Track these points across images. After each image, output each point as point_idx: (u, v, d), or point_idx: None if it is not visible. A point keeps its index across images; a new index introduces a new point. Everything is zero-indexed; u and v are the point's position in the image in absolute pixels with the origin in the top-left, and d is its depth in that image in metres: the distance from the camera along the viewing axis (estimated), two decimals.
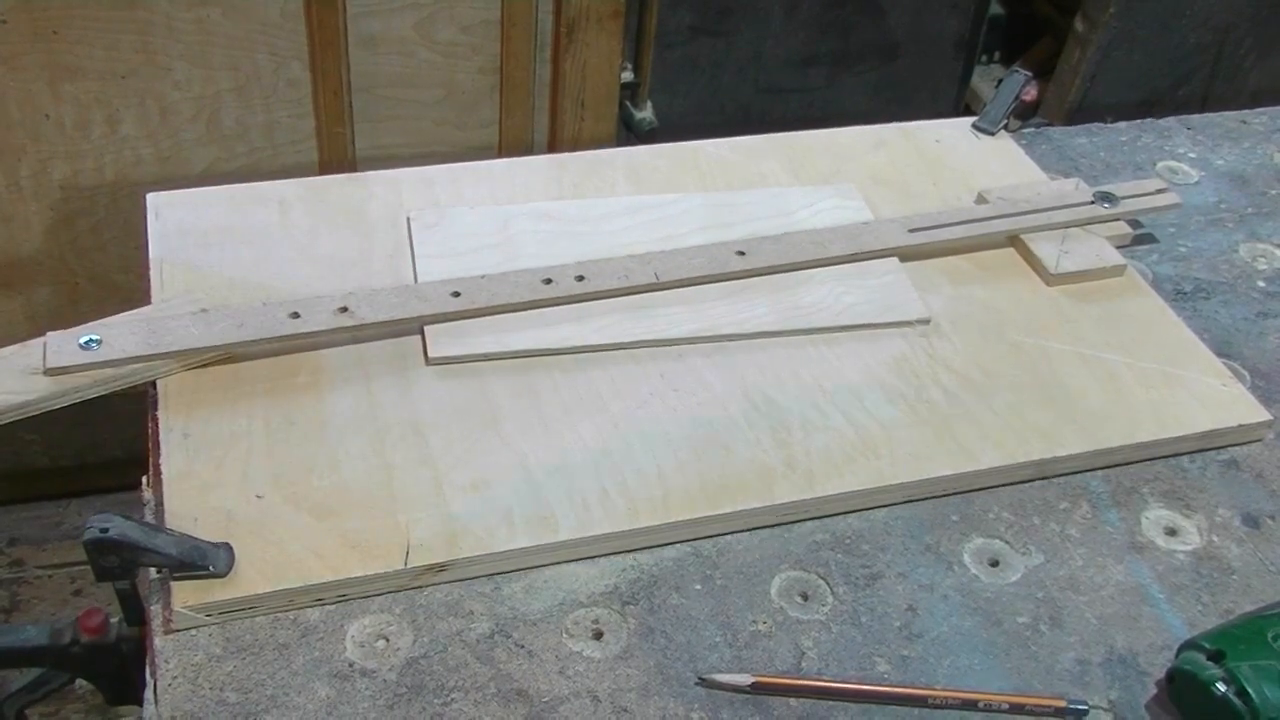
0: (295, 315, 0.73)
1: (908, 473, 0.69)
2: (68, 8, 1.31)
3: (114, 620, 0.71)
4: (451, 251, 0.80)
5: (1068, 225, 0.87)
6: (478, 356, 0.73)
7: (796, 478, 0.68)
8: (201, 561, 0.59)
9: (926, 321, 0.79)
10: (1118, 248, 0.87)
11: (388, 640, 0.61)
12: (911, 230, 0.85)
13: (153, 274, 0.78)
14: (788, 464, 0.69)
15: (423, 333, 0.74)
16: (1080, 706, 0.60)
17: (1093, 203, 0.88)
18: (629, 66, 1.71)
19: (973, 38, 1.79)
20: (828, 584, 0.65)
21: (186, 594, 0.59)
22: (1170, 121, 1.07)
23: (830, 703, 0.60)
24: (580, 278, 0.78)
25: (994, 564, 0.67)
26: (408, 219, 0.83)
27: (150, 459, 0.67)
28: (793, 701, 0.60)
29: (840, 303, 0.80)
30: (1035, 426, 0.72)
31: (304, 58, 1.32)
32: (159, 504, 0.64)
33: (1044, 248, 0.85)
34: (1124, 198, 0.89)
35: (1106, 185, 0.90)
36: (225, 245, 0.80)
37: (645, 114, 1.77)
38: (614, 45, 1.51)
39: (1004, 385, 0.75)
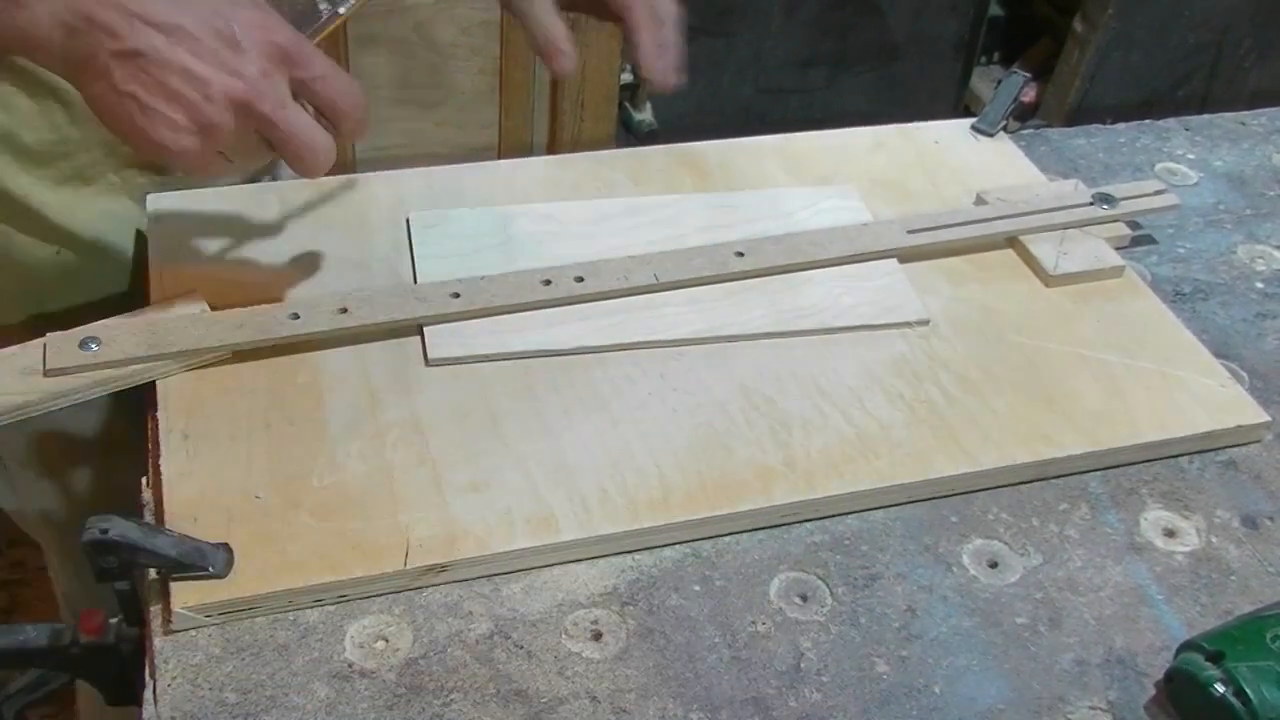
0: (295, 316, 0.73)
1: (907, 473, 0.69)
2: None
3: (113, 621, 0.71)
4: (451, 252, 0.81)
5: (1066, 226, 0.87)
6: (477, 357, 0.73)
7: (796, 478, 0.68)
8: (201, 562, 0.60)
9: (925, 323, 0.79)
10: (1116, 249, 0.87)
11: (387, 641, 0.61)
12: (910, 231, 0.85)
13: (152, 275, 0.78)
14: (787, 464, 0.69)
15: (422, 334, 0.74)
16: None
17: (1091, 204, 0.88)
18: (628, 68, 1.71)
19: (972, 39, 1.80)
20: (826, 585, 0.65)
21: (186, 594, 0.59)
22: (1169, 123, 1.07)
23: (830, 703, 0.60)
24: (579, 279, 0.78)
25: (993, 565, 0.67)
26: (407, 220, 0.83)
27: (150, 460, 0.67)
28: (792, 702, 0.60)
29: (839, 304, 0.80)
30: (1034, 427, 0.72)
31: None
32: (158, 505, 0.64)
33: (1043, 249, 0.85)
34: (1123, 199, 0.89)
35: (1105, 186, 0.90)
36: (225, 246, 0.80)
37: (644, 115, 1.77)
38: (613, 46, 1.52)
39: (1003, 386, 0.75)
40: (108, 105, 0.62)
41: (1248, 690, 0.56)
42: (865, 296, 0.80)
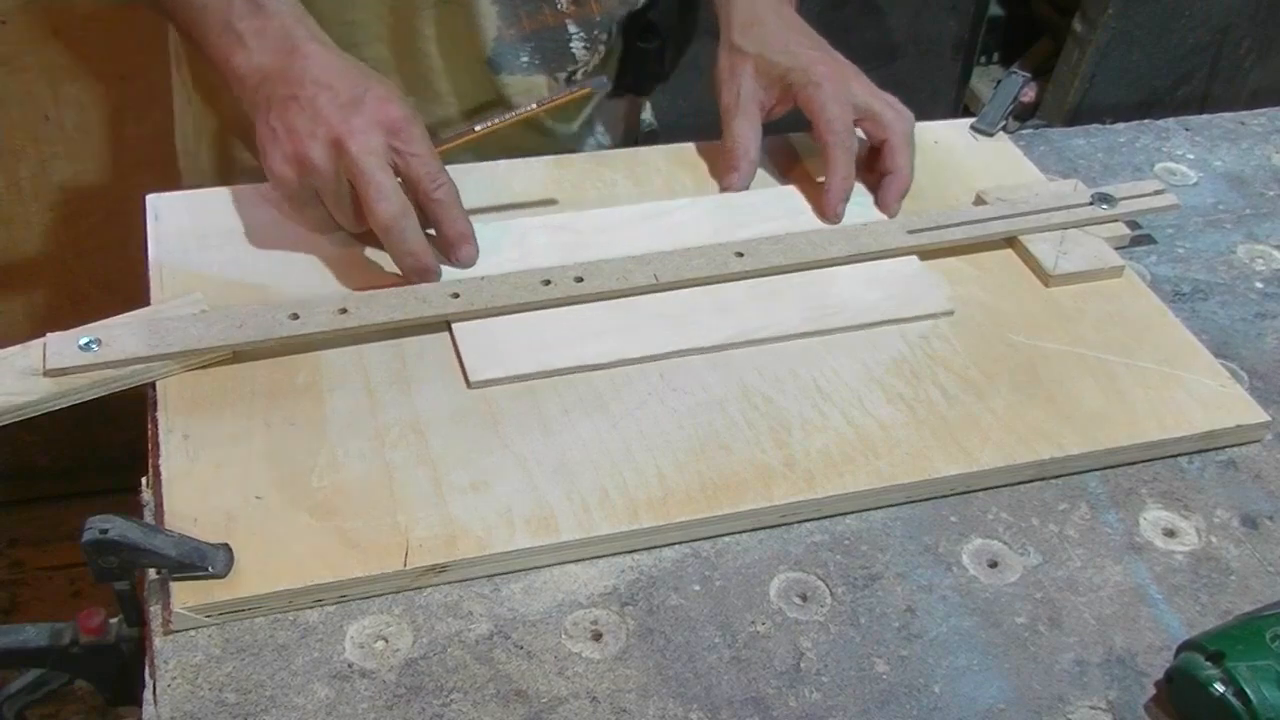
0: (295, 316, 0.73)
1: (907, 473, 0.69)
2: (68, 8, 1.31)
3: (113, 621, 0.71)
4: (473, 273, 0.79)
5: (1066, 226, 0.87)
6: (518, 377, 0.72)
7: (796, 478, 0.68)
8: (200, 562, 0.60)
9: (950, 313, 0.79)
10: (1116, 249, 0.87)
11: (387, 641, 0.61)
12: (910, 231, 0.85)
13: (152, 275, 0.78)
14: (787, 464, 0.69)
15: (458, 354, 0.73)
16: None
17: (1091, 204, 0.88)
18: None
19: (972, 39, 1.79)
20: (826, 585, 0.65)
21: (186, 595, 0.59)
22: (1169, 123, 1.07)
23: (830, 703, 0.60)
24: (579, 279, 0.78)
25: (993, 565, 0.67)
26: None
27: (150, 460, 0.67)
28: (792, 702, 0.60)
29: (864, 300, 0.80)
30: (1034, 427, 0.72)
31: None
32: (158, 505, 0.64)
33: (1042, 249, 0.85)
34: (1122, 199, 0.89)
35: (1105, 186, 0.91)
36: (225, 246, 0.80)
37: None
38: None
39: (1003, 386, 0.75)
40: (261, 134, 0.76)
41: (1247, 690, 0.56)
42: (889, 291, 0.80)
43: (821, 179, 0.88)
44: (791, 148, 0.95)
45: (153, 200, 0.83)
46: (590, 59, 0.95)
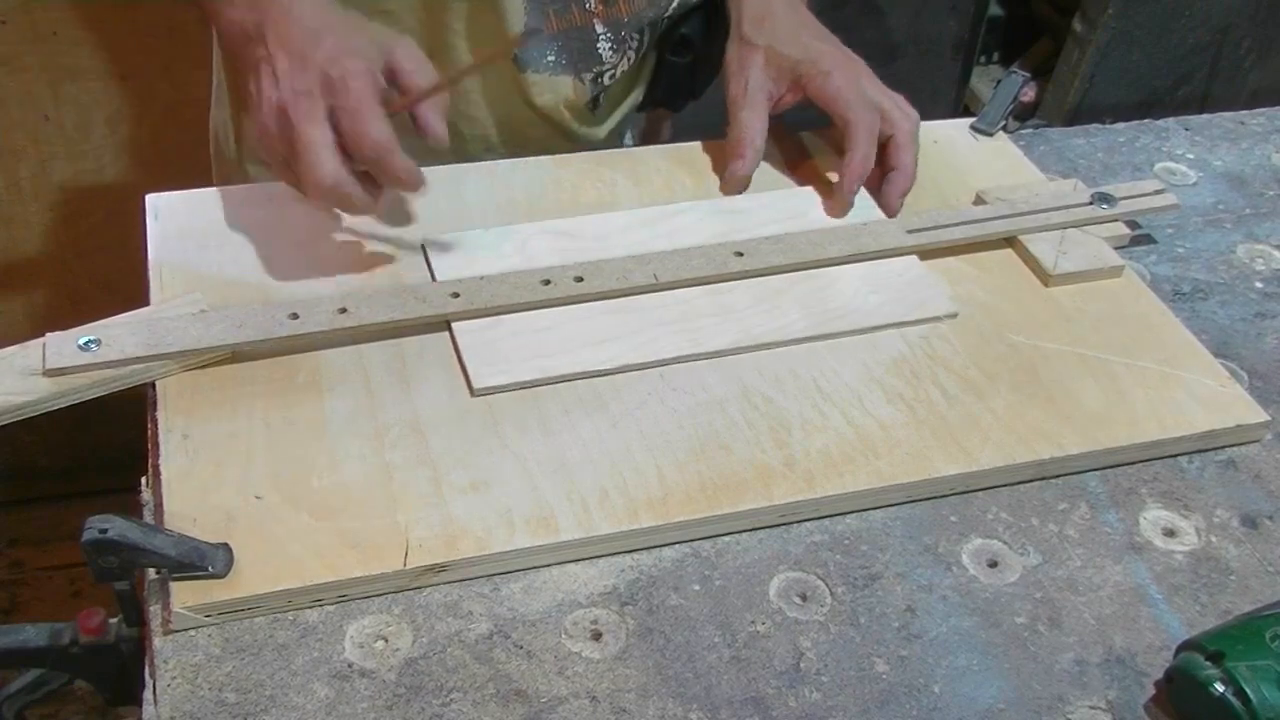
0: (295, 316, 0.73)
1: (907, 473, 0.69)
2: (68, 8, 1.31)
3: (113, 621, 0.71)
4: (478, 272, 0.79)
5: (1066, 226, 0.87)
6: (522, 384, 0.72)
7: (795, 478, 0.68)
8: (200, 562, 0.60)
9: (954, 315, 0.79)
10: (1116, 248, 0.87)
11: (387, 641, 0.61)
12: (910, 231, 0.85)
13: (152, 275, 0.78)
14: (787, 464, 0.69)
15: (461, 362, 0.73)
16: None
17: (1091, 204, 0.88)
18: None
19: (972, 39, 1.79)
20: (826, 584, 0.65)
21: (185, 594, 0.59)
22: (1169, 122, 1.07)
23: (830, 703, 0.60)
24: (579, 279, 0.78)
25: (992, 564, 0.67)
26: (423, 245, 0.82)
27: (149, 459, 0.67)
28: (792, 702, 0.60)
29: (868, 303, 0.80)
30: (1034, 427, 0.72)
31: None
32: (158, 505, 0.64)
33: (1042, 248, 0.85)
34: (1122, 199, 0.89)
35: (1105, 186, 0.91)
36: (225, 246, 0.80)
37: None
38: None
39: (1003, 386, 0.75)
40: (241, 93, 0.78)
41: (1247, 690, 0.56)
42: (892, 294, 0.80)
43: (831, 174, 0.88)
44: (802, 146, 0.95)
45: (152, 200, 0.83)
46: (618, 61, 0.95)
